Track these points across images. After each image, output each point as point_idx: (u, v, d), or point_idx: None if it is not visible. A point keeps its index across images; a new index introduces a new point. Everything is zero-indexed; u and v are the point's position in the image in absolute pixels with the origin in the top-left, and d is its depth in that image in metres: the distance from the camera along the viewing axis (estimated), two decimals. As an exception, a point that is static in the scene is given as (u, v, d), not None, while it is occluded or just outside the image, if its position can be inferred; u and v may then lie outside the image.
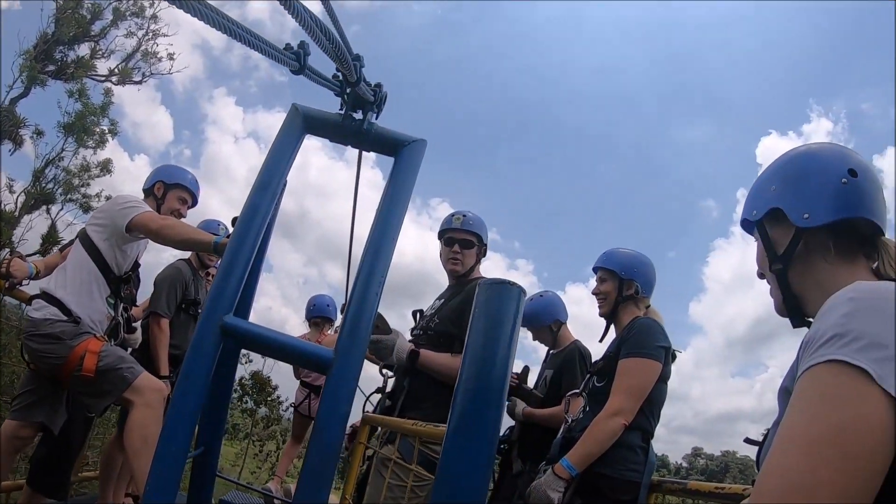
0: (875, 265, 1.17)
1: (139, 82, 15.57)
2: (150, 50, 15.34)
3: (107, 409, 3.18)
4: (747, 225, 1.34)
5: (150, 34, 15.41)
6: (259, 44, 1.31)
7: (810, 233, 1.19)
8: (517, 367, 3.97)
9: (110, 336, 3.20)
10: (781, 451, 0.82)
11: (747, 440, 1.36)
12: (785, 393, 1.03)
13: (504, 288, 1.01)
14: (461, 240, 3.18)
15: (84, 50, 14.34)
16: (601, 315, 2.98)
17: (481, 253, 3.27)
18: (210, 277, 4.49)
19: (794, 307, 1.23)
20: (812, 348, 0.88)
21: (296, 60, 1.53)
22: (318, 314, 5.96)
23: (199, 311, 4.25)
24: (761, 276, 1.31)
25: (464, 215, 3.25)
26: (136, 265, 3.46)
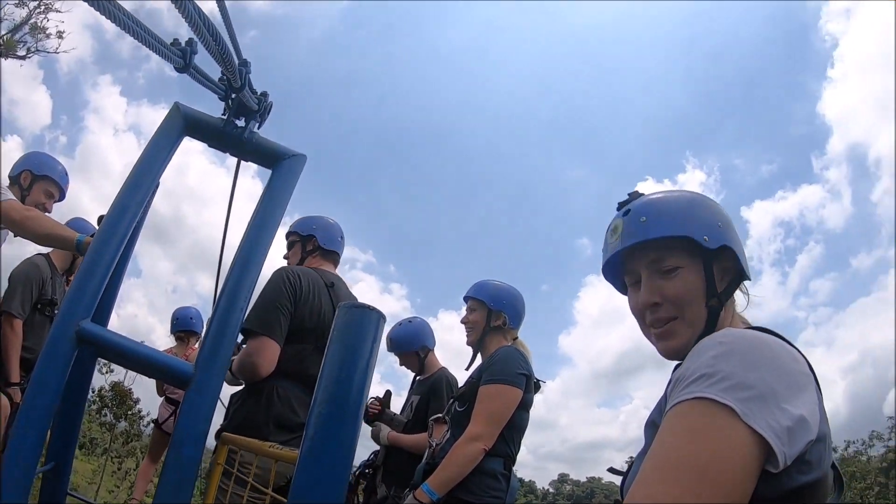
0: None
1: (23, 57, 14.51)
2: (39, 24, 14.32)
3: None
4: (674, 246, 1.22)
5: (43, 7, 14.40)
6: (143, 34, 1.26)
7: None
8: (381, 392, 4.01)
9: None
10: (649, 480, 0.85)
11: (611, 469, 1.41)
12: (652, 426, 1.08)
13: (363, 313, 0.99)
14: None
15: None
16: (468, 343, 3.02)
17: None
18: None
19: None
20: (682, 385, 0.93)
21: (181, 57, 1.47)
22: (181, 328, 5.68)
23: (56, 311, 3.91)
24: (654, 305, 1.22)
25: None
26: None
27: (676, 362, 1.18)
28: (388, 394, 3.96)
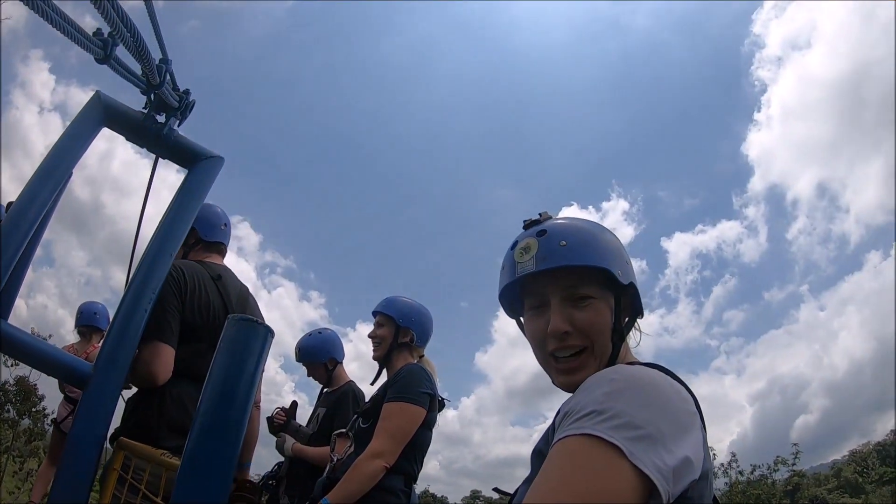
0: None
1: (-53, 20, 13.79)
2: (-33, -12, 13.64)
3: None
4: (589, 276, 1.21)
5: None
6: (61, 21, 1.22)
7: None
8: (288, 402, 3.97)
9: None
10: None
11: (496, 489, 1.41)
12: (538, 455, 1.08)
13: (251, 327, 0.99)
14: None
15: None
16: (374, 358, 3.02)
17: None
18: None
19: None
20: (570, 419, 0.93)
21: (101, 48, 1.44)
22: (84, 323, 5.32)
23: None
24: (564, 334, 1.20)
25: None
26: None
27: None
28: (294, 405, 3.92)
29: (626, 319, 1.28)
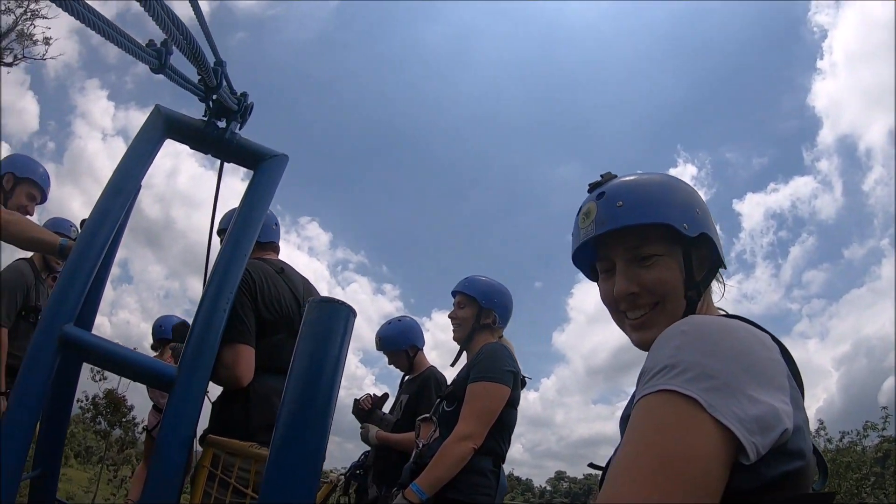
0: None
1: (10, 64, 14.45)
2: (26, 31, 14.27)
3: None
4: (652, 233, 1.18)
5: (29, 14, 14.34)
6: (116, 36, 1.25)
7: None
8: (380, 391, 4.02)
9: None
10: (616, 479, 0.82)
11: (591, 465, 1.37)
12: (625, 420, 1.04)
13: (332, 307, 0.99)
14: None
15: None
16: (455, 339, 3.01)
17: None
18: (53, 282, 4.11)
19: None
20: (646, 378, 0.90)
21: (156, 58, 1.46)
22: (155, 337, 5.62)
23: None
24: (631, 295, 1.19)
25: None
26: None
27: None
28: (385, 396, 3.97)
29: (705, 272, 1.22)
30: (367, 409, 3.83)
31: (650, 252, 1.17)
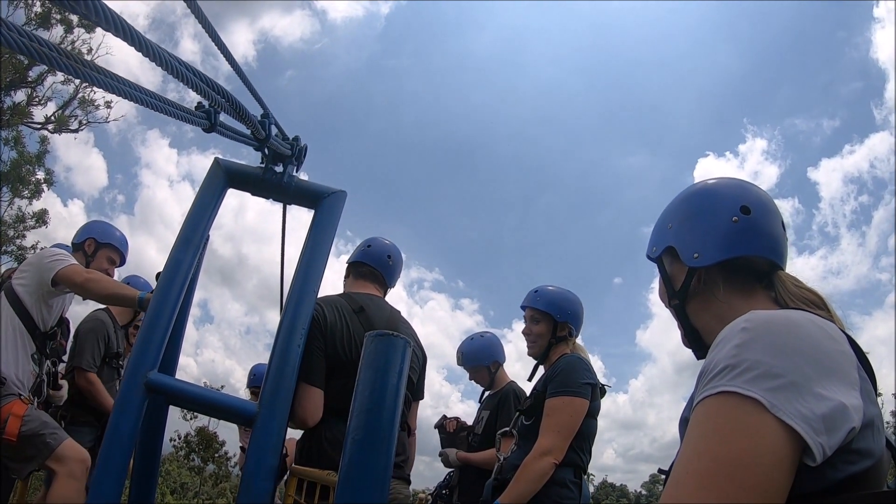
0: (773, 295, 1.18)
1: (76, 130, 15.29)
2: (87, 97, 15.07)
3: (31, 473, 3.07)
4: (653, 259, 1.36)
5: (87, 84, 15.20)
6: (167, 107, 1.33)
7: (704, 270, 1.21)
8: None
9: (35, 394, 3.12)
10: (676, 484, 0.81)
11: (660, 471, 1.32)
12: (684, 423, 1.01)
13: (389, 340, 1.05)
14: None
15: (20, 96, 14.09)
16: (531, 355, 2.97)
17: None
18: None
19: (694, 339, 1.26)
20: (706, 379, 0.88)
21: (206, 119, 1.55)
22: (253, 384, 5.71)
23: (121, 363, 4.16)
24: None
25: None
26: (62, 319, 3.39)
27: None
28: (463, 426, 4.01)
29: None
30: (451, 432, 3.87)
31: None
